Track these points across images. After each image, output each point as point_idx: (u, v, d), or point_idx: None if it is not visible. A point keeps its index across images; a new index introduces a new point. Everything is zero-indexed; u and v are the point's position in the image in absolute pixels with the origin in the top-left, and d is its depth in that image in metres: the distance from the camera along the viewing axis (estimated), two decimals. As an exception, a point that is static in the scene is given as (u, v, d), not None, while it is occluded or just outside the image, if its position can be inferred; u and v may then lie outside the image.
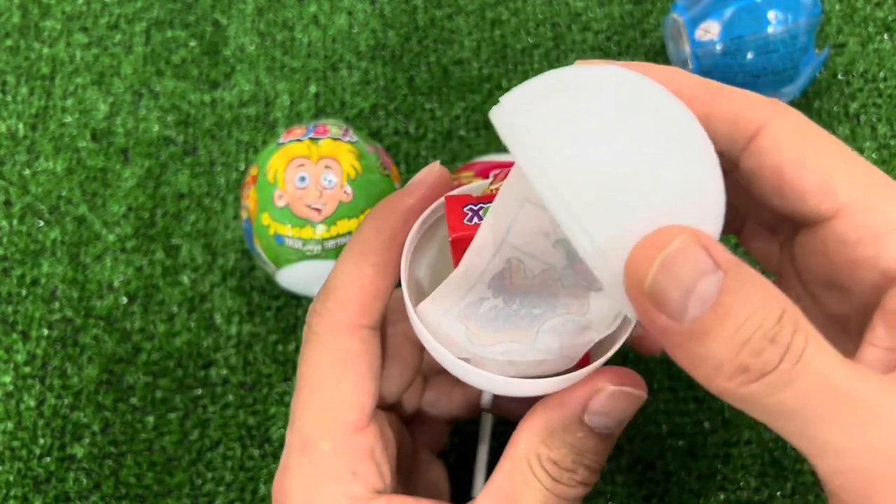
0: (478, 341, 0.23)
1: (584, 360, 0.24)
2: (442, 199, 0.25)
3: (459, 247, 0.23)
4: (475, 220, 0.23)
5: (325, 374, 0.24)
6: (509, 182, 0.21)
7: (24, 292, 0.40)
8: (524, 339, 0.23)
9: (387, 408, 0.28)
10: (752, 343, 0.17)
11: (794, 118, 0.22)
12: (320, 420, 0.24)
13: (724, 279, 0.17)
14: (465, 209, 0.23)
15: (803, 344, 0.17)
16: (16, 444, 0.37)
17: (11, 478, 0.37)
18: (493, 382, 0.23)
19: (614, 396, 0.23)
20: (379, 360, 0.25)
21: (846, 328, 0.22)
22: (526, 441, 0.23)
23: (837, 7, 0.43)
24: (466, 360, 0.23)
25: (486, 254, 0.22)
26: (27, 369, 0.38)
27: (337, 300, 0.24)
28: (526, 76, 0.43)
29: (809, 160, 0.21)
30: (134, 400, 0.38)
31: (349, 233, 0.34)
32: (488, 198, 0.23)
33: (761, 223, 0.26)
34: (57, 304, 0.40)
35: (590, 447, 0.23)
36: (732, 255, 0.17)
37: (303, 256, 0.34)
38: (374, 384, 0.24)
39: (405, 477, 0.28)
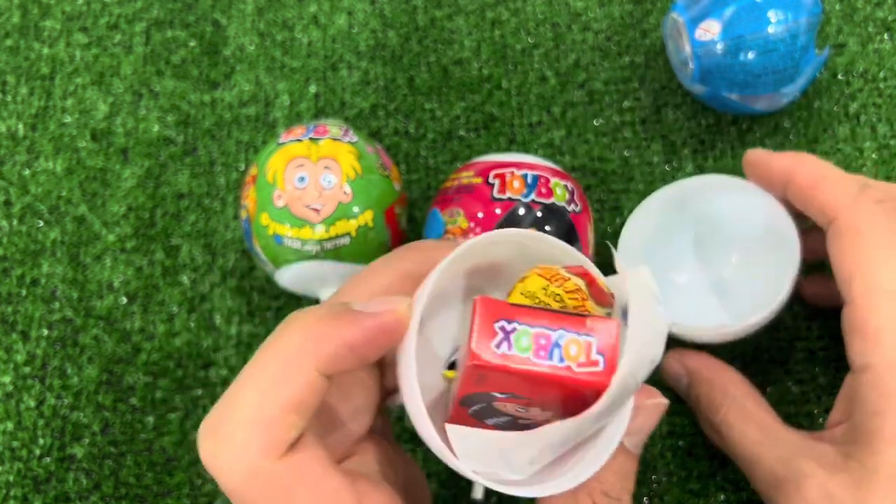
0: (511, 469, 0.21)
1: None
2: (468, 243, 0.21)
3: (475, 373, 0.19)
4: (504, 346, 0.19)
5: None
6: (642, 320, 0.19)
7: (23, 292, 0.40)
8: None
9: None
10: None
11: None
12: None
13: None
14: (496, 325, 0.19)
15: None
16: (16, 444, 0.37)
17: (11, 478, 0.37)
18: (529, 492, 0.22)
19: (648, 411, 0.23)
20: (326, 459, 0.21)
21: None
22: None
23: (837, 7, 0.43)
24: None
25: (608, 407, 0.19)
26: (27, 369, 0.38)
27: (240, 437, 0.20)
28: (526, 76, 0.43)
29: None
30: (134, 400, 0.38)
31: (348, 233, 0.34)
32: (534, 314, 0.19)
33: None
34: (57, 304, 0.40)
35: (629, 469, 0.23)
36: None
37: (301, 256, 0.34)
38: (344, 480, 0.21)
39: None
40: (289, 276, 0.35)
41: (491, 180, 0.33)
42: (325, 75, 0.44)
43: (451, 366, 0.25)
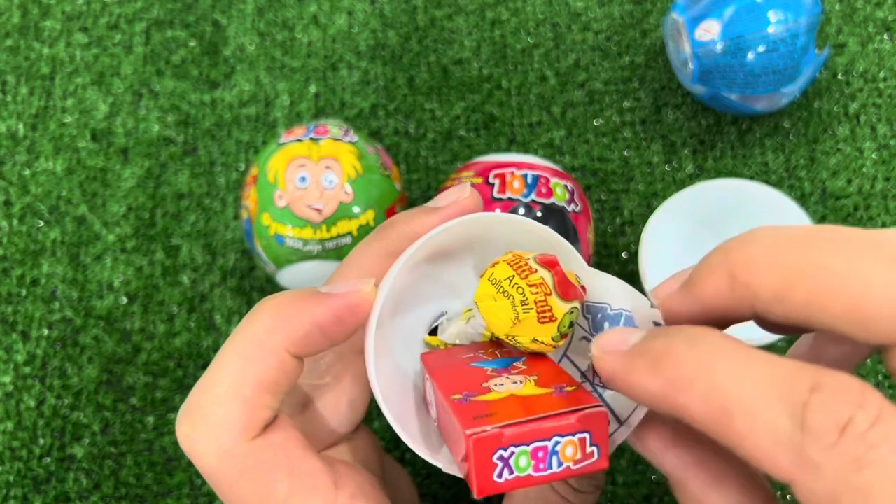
0: None
1: None
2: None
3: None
4: (505, 472, 0.19)
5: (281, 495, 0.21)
6: None
7: (24, 292, 0.40)
8: None
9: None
10: None
11: None
12: None
13: None
14: (494, 457, 0.19)
15: None
16: (16, 444, 0.37)
17: (11, 478, 0.37)
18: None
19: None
20: (303, 441, 0.22)
21: None
22: None
23: (837, 7, 0.43)
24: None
25: None
26: (27, 369, 0.38)
27: (215, 418, 0.20)
28: (526, 76, 0.43)
29: None
30: (134, 400, 0.38)
31: (349, 233, 0.34)
32: (526, 431, 0.19)
33: None
34: (57, 304, 0.39)
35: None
36: None
37: (303, 256, 0.34)
38: (321, 462, 0.22)
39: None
40: (290, 277, 0.35)
41: (491, 180, 0.33)
42: (325, 75, 0.44)
43: (434, 331, 0.25)
